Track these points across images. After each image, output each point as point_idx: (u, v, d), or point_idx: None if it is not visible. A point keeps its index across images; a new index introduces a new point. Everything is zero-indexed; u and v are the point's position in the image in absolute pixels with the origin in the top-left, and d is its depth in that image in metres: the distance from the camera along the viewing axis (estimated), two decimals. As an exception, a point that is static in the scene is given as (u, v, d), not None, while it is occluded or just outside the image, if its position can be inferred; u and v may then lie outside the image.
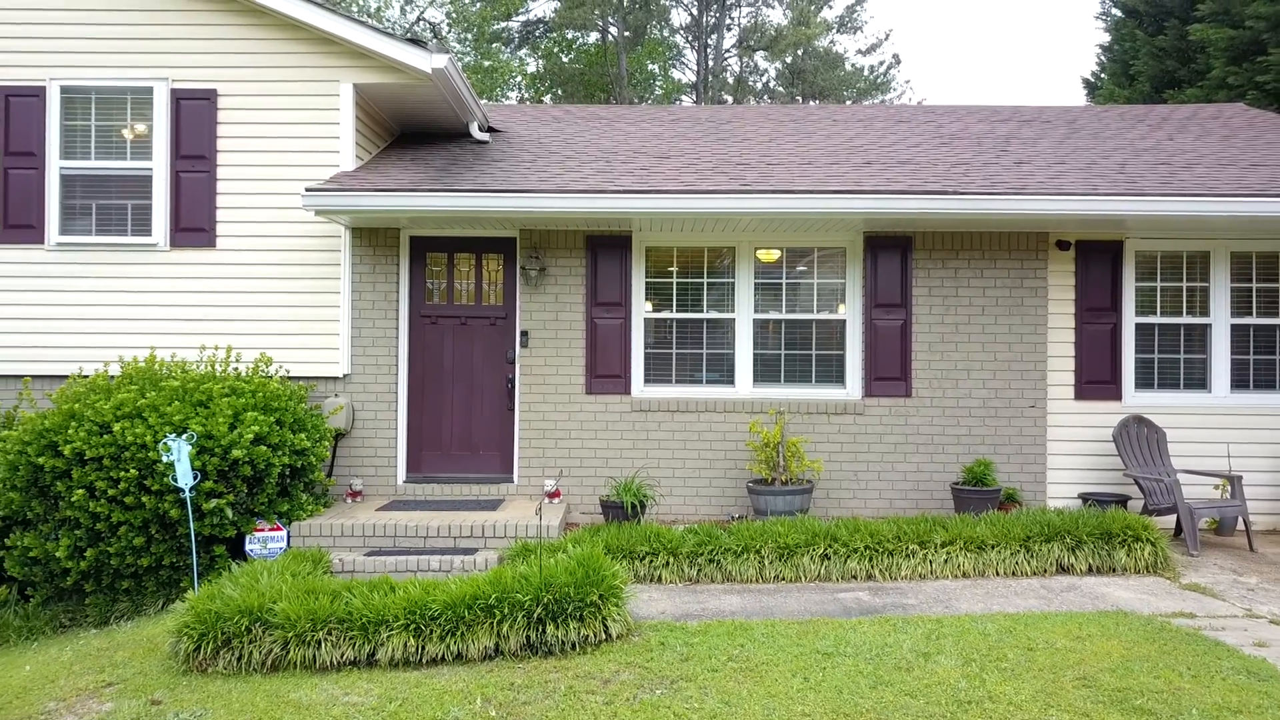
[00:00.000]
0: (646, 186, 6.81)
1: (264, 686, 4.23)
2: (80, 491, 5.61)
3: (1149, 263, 7.36)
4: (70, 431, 5.69)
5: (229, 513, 5.81)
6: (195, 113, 7.19)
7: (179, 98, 7.20)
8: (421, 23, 26.42)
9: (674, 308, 7.47)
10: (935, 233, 7.22)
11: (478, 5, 25.64)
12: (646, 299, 7.48)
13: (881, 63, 36.19)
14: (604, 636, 4.45)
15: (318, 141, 7.22)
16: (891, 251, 7.24)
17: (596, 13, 31.41)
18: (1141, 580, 5.61)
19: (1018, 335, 7.24)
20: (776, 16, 35.50)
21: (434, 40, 6.08)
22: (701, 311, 7.46)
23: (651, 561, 5.72)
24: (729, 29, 35.10)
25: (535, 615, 4.38)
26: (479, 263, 7.46)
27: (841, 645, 4.37)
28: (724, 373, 7.45)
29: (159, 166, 7.19)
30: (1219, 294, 7.31)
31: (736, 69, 35.05)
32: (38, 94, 7.19)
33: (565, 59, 32.34)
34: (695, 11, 34.47)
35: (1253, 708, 3.46)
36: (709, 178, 7.14)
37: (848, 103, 34.45)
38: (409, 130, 8.53)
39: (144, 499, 5.64)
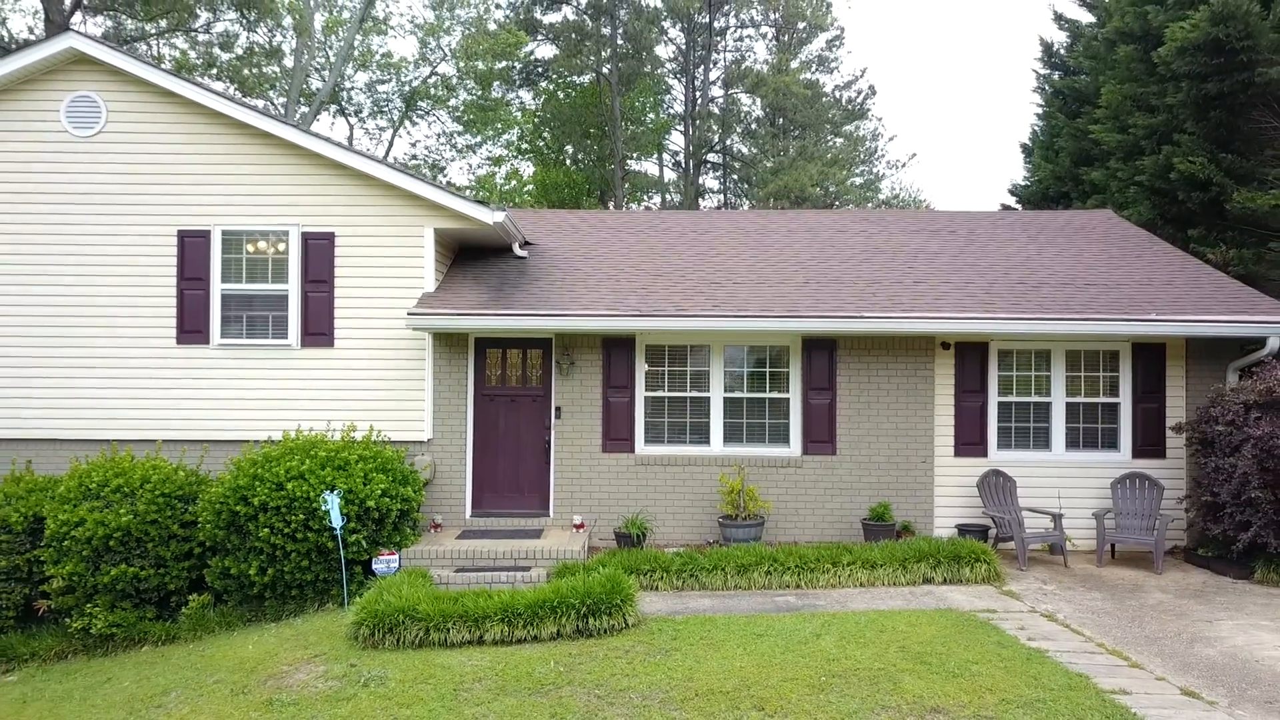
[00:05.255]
0: (646, 309, 9.61)
1: (416, 656, 6.97)
2: (265, 530, 8.32)
3: (1008, 357, 10.21)
4: (257, 488, 8.40)
5: (364, 543, 8.56)
6: (319, 249, 9.93)
7: (307, 238, 9.94)
8: (434, 76, 29.07)
9: (666, 389, 10.26)
10: (853, 337, 10.04)
11: (481, 63, 28.28)
12: (646, 382, 10.26)
13: (859, 93, 39.16)
14: (624, 625, 7.21)
15: (407, 270, 9.96)
16: (822, 350, 10.06)
17: (591, 59, 34.23)
18: (976, 588, 8.44)
19: (913, 410, 10.06)
20: (760, 49, 38.38)
21: (496, 202, 8.45)
22: (685, 391, 10.25)
23: (651, 575, 8.49)
24: (715, 63, 37.93)
25: (582, 612, 7.13)
26: (524, 356, 10.24)
27: (769, 630, 7.15)
28: (702, 436, 10.24)
29: (293, 288, 9.92)
30: (1057, 380, 10.16)
31: (723, 103, 37.81)
32: (204, 235, 9.91)
33: (562, 96, 35.07)
34: (683, 44, 37.30)
35: (985, 659, 6.28)
36: (691, 297, 9.94)
37: (828, 128, 37.33)
38: (468, 246, 11.26)
39: (308, 535, 8.36)
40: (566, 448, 10.09)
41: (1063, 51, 21.46)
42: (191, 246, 9.89)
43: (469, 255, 11.15)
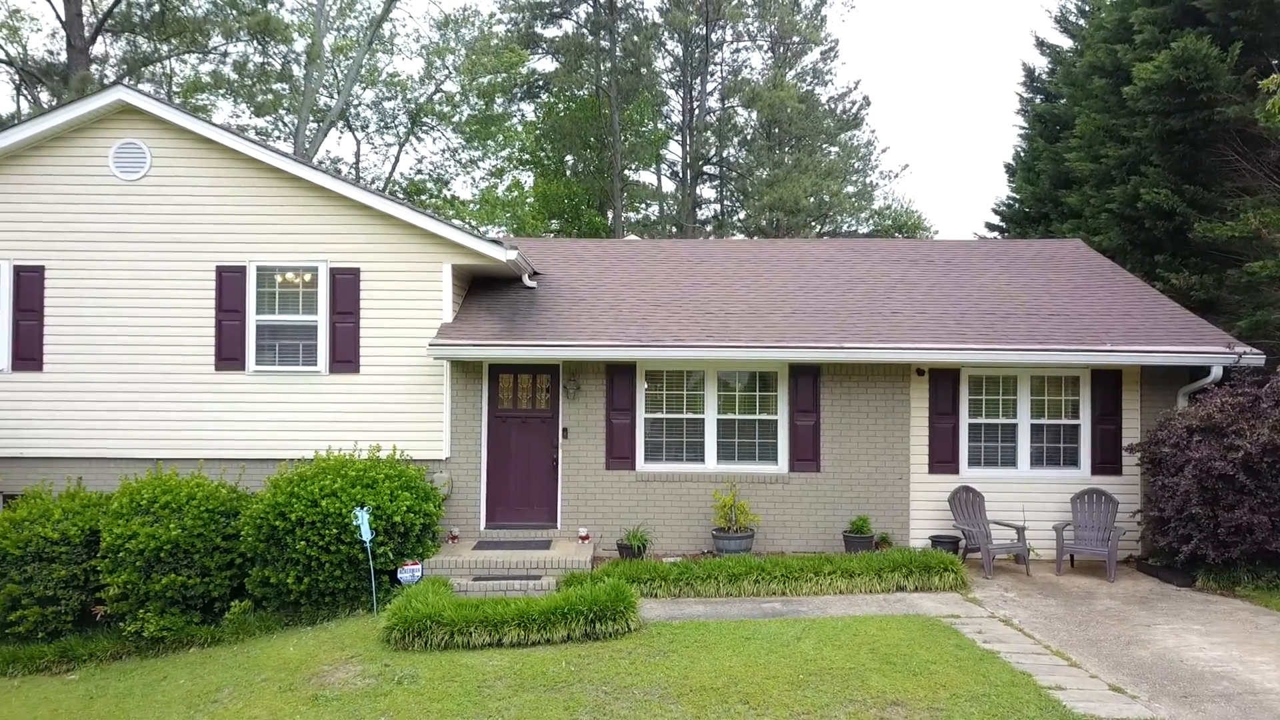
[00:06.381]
0: (646, 339, 10.51)
1: (442, 657, 7.85)
2: (301, 543, 9.20)
3: (978, 382, 11.12)
4: (294, 505, 9.28)
5: (390, 555, 9.44)
6: (345, 283, 10.82)
7: (334, 273, 10.82)
8: (439, 93, 29.93)
9: (664, 411, 11.16)
10: (835, 364, 10.94)
11: (486, 79, 29.16)
12: (646, 405, 11.15)
13: (853, 104, 40.08)
14: (627, 630, 8.09)
15: (426, 301, 10.85)
16: (807, 376, 10.97)
17: (591, 72, 35.11)
18: (944, 595, 9.34)
19: (890, 430, 10.97)
20: (756, 61, 39.28)
21: (507, 237, 9.28)
22: (682, 413, 11.16)
23: (651, 584, 9.37)
24: (711, 74, 38.82)
25: (589, 617, 8.02)
26: (534, 381, 11.14)
27: (756, 634, 8.05)
28: (698, 454, 11.14)
29: (321, 319, 10.81)
30: (1023, 404, 11.07)
31: (719, 114, 38.66)
32: (241, 271, 10.79)
33: (561, 109, 35.95)
34: (680, 55, 38.16)
35: (943, 660, 7.18)
36: (687, 327, 10.84)
37: (823, 138, 38.20)
38: (480, 277, 12.14)
39: (341, 547, 9.23)
40: (573, 465, 10.99)
41: (1044, 76, 22.40)
42: (229, 281, 10.77)
43: (482, 285, 12.04)
